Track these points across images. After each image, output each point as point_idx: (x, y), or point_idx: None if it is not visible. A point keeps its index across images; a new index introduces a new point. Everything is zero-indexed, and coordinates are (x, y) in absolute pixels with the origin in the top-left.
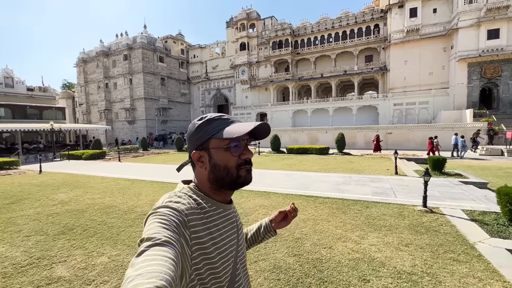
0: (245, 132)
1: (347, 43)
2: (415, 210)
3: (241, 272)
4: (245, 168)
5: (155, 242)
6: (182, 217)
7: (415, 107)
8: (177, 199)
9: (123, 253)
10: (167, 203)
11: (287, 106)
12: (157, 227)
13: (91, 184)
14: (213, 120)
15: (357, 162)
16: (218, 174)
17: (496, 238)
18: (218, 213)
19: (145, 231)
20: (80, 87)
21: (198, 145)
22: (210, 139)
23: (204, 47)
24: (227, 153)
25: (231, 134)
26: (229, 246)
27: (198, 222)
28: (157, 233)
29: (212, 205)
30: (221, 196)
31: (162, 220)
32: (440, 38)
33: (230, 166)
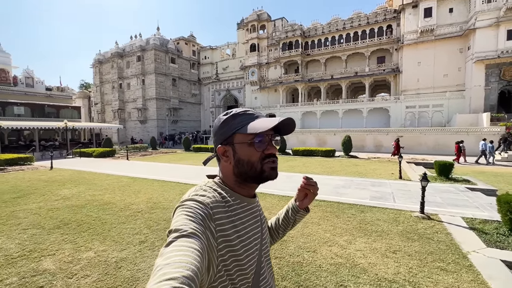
0: (269, 127)
1: (359, 44)
2: (412, 216)
3: (265, 265)
4: (270, 163)
5: (182, 234)
6: (207, 210)
7: (429, 110)
8: (203, 192)
9: (110, 248)
10: (193, 196)
11: (296, 108)
12: (184, 219)
13: (95, 181)
14: (238, 115)
15: (362, 166)
16: (242, 169)
17: (492, 248)
18: (242, 207)
19: (173, 222)
20: (96, 87)
21: (223, 140)
22: (235, 134)
23: (215, 49)
24: (251, 148)
25: (255, 129)
26: (254, 239)
27: (223, 215)
28: (184, 225)
29: (236, 198)
30: (246, 190)
31: (189, 212)
32: (456, 38)
33: (253, 161)
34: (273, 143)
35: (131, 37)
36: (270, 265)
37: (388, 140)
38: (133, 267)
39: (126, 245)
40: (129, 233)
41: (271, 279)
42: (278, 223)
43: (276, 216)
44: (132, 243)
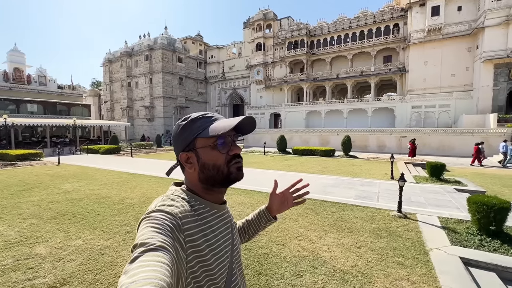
0: (229, 127)
1: (365, 43)
2: (389, 215)
3: (237, 272)
4: (235, 164)
5: (148, 248)
6: (176, 220)
7: (435, 110)
8: (170, 202)
9: (97, 237)
10: (160, 206)
11: (301, 107)
12: (151, 232)
13: (96, 177)
14: (197, 119)
15: (359, 166)
16: (208, 174)
17: (456, 246)
18: (212, 214)
19: (138, 236)
20: (106, 85)
21: (185, 146)
22: (196, 138)
23: (221, 48)
24: (214, 151)
25: (216, 131)
26: (224, 247)
27: (193, 224)
28: (150, 238)
29: (206, 206)
30: (214, 195)
31: (156, 224)
32: (464, 37)
33: (219, 164)
34: (236, 143)
35: (139, 36)
36: (242, 271)
37: (391, 140)
38: (114, 254)
39: (113, 234)
40: (117, 224)
41: (243, 285)
42: (247, 228)
43: (245, 219)
44: (119, 233)
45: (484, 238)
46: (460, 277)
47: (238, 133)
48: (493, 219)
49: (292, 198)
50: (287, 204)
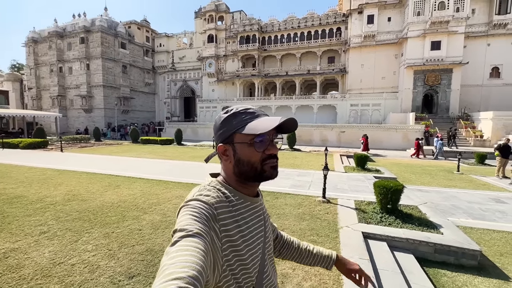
0: (269, 128)
1: (312, 43)
2: (316, 200)
3: (268, 263)
4: (270, 163)
5: (187, 233)
6: (212, 210)
7: (369, 108)
8: (207, 192)
9: (2, 241)
10: (198, 196)
11: (252, 102)
12: (189, 219)
13: (12, 174)
14: (238, 113)
15: (301, 158)
16: (242, 169)
17: (362, 223)
18: (245, 206)
19: (178, 222)
20: (30, 69)
21: (224, 139)
22: (235, 133)
23: (171, 36)
24: (251, 149)
25: (254, 130)
26: (257, 238)
27: (227, 215)
28: (189, 225)
29: (239, 198)
30: (248, 189)
31: (193, 212)
32: (392, 45)
33: (254, 161)
34: (274, 142)
35: (73, 15)
36: (273, 263)
37: (332, 135)
38: (22, 256)
39: (23, 236)
40: (31, 225)
41: (274, 277)
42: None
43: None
44: (31, 234)
45: (384, 215)
46: (357, 248)
47: (277, 131)
48: (390, 199)
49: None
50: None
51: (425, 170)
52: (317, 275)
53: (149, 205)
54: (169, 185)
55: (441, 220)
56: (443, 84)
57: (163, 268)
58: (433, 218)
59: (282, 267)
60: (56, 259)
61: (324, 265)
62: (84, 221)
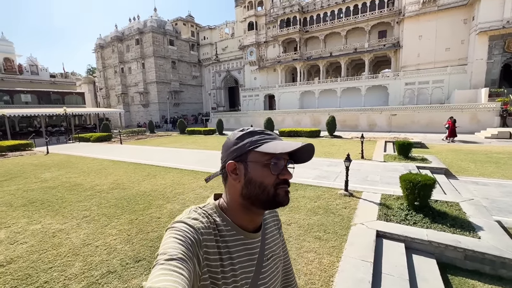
0: (291, 149)
1: (359, 18)
2: (337, 193)
3: None
4: (284, 189)
5: (170, 257)
6: (198, 235)
7: (428, 86)
8: (196, 215)
9: (55, 222)
10: (185, 219)
11: (294, 87)
12: (173, 242)
13: (78, 165)
14: (256, 132)
15: (338, 146)
16: (252, 191)
17: (380, 220)
18: (235, 240)
19: (162, 244)
20: (99, 72)
21: (237, 156)
22: (252, 150)
23: (213, 28)
24: (265, 170)
25: (273, 149)
26: (240, 279)
27: (212, 243)
28: (172, 248)
29: (231, 229)
30: (250, 217)
31: (178, 235)
32: (460, 8)
33: (266, 184)
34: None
35: (129, 19)
36: None
37: (381, 119)
38: (64, 236)
39: (70, 219)
40: (79, 210)
41: None
42: None
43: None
44: (76, 218)
45: (410, 213)
46: (364, 248)
47: (291, 159)
48: (418, 195)
49: None
50: None
51: (491, 157)
52: (307, 275)
53: (174, 194)
54: (198, 175)
55: (484, 221)
56: None
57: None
58: (473, 218)
59: None
60: (86, 240)
61: None
62: (117, 208)
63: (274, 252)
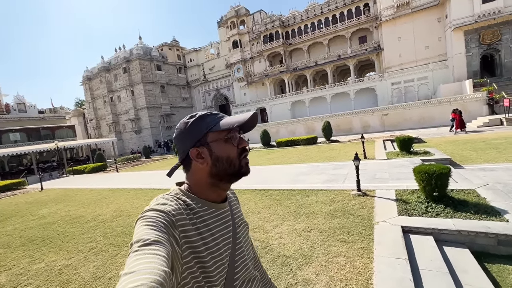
0: (244, 121)
1: (338, 26)
2: (350, 194)
3: (243, 271)
4: (245, 160)
5: (145, 243)
6: (169, 217)
7: (414, 84)
8: (164, 201)
9: (60, 258)
10: (154, 206)
11: (285, 99)
12: (145, 229)
13: (76, 197)
14: (205, 116)
15: (338, 149)
16: (221, 167)
17: (402, 216)
18: (209, 213)
19: (134, 235)
20: (88, 103)
21: (196, 142)
22: (208, 133)
23: (199, 50)
24: (228, 145)
25: (229, 124)
26: (223, 245)
27: (187, 222)
28: (145, 235)
29: (203, 205)
30: (217, 192)
31: (149, 222)
32: (433, 8)
33: (232, 157)
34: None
35: (115, 49)
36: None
37: (374, 119)
38: (72, 272)
39: (76, 253)
40: (83, 242)
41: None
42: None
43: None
44: (82, 251)
45: (430, 205)
46: (394, 245)
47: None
48: (435, 185)
49: None
50: None
51: (489, 144)
52: (343, 280)
53: None
54: None
55: (506, 204)
56: (505, 40)
57: (122, 279)
58: (495, 203)
59: (305, 272)
60: (97, 274)
61: None
62: (125, 236)
63: (241, 220)
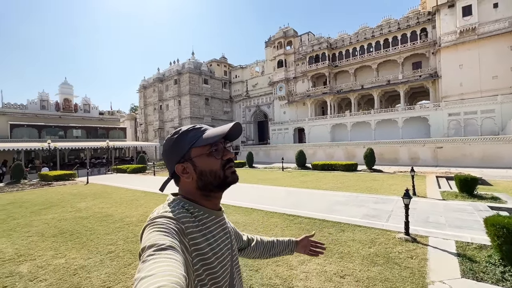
0: (223, 134)
1: (390, 51)
2: (396, 237)
3: (236, 276)
4: (230, 168)
5: (160, 247)
6: (180, 225)
7: (477, 116)
8: (172, 208)
9: (79, 257)
10: (163, 213)
11: (325, 120)
12: (158, 235)
13: (112, 195)
14: (188, 131)
15: (381, 181)
16: (206, 180)
17: (468, 279)
18: (210, 220)
19: (145, 240)
20: (141, 109)
21: (180, 158)
22: (191, 148)
23: (244, 67)
24: (210, 158)
25: (210, 139)
26: (225, 250)
27: (195, 229)
28: (159, 240)
29: (204, 212)
30: (212, 201)
31: (161, 228)
32: (504, 35)
33: (216, 169)
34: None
35: (170, 63)
36: (240, 275)
37: (425, 152)
38: (84, 275)
39: (95, 254)
40: (104, 244)
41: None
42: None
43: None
44: (101, 253)
45: (508, 270)
46: None
47: (226, 139)
48: None
49: (309, 249)
50: (305, 250)
51: None
52: None
53: None
54: (228, 209)
55: None
56: None
57: (141, 282)
58: None
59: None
60: (106, 282)
61: (288, 252)
62: None
63: (230, 226)
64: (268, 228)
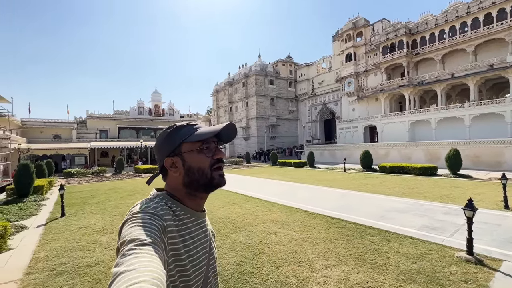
0: (215, 132)
1: (493, 28)
2: (454, 256)
3: (212, 281)
4: (218, 169)
5: (141, 243)
6: (162, 222)
7: None
8: (155, 204)
9: None
10: (145, 208)
11: (402, 117)
12: (139, 230)
13: None
14: (182, 126)
15: (465, 189)
16: (193, 177)
17: None
18: (192, 221)
19: (125, 234)
20: (214, 111)
21: (170, 152)
22: (182, 143)
23: (310, 65)
24: (200, 155)
25: (202, 135)
26: (202, 254)
27: (174, 228)
28: (140, 235)
29: (186, 212)
30: (195, 201)
31: (144, 223)
32: None
33: (204, 167)
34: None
35: (239, 67)
36: (217, 281)
37: None
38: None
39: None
40: None
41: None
42: None
43: None
44: None
45: None
46: None
47: (220, 140)
48: None
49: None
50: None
51: None
52: None
53: (243, 224)
54: (274, 207)
55: None
56: None
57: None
58: None
59: None
60: None
61: None
62: None
63: (211, 231)
64: (306, 229)
